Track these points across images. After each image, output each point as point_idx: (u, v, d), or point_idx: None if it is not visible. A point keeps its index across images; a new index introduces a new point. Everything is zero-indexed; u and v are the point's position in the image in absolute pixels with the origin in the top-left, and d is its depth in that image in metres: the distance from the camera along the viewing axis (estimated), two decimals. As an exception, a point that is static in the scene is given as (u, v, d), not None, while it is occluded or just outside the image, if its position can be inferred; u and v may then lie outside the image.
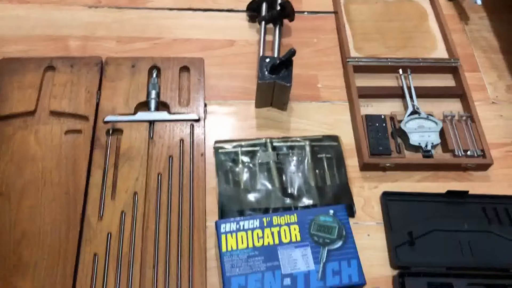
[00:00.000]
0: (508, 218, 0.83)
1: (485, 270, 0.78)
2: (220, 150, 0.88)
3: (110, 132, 0.86)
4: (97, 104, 0.89)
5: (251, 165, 0.87)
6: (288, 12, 1.02)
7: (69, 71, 0.92)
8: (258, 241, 0.73)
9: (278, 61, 0.89)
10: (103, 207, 0.78)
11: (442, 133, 0.91)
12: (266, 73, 0.89)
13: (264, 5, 1.06)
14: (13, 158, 0.82)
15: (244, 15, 1.09)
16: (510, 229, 0.82)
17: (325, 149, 0.90)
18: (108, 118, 0.87)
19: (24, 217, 0.77)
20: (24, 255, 0.73)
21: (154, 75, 0.94)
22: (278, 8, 1.03)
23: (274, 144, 0.89)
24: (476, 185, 0.89)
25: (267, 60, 0.90)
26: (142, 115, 0.88)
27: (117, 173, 0.82)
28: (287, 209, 0.81)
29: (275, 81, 0.89)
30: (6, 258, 0.73)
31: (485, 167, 0.89)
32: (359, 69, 0.99)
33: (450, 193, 0.84)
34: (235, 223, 0.75)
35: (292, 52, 0.88)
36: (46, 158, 0.82)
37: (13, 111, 0.87)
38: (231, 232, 0.74)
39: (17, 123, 0.86)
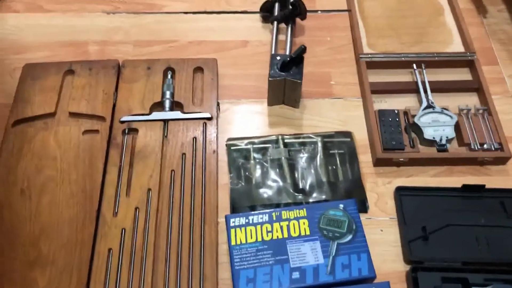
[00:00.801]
0: (527, 213, 0.81)
1: (503, 265, 0.75)
2: (232, 148, 0.89)
3: (126, 131, 0.89)
4: (114, 105, 0.92)
5: (262, 161, 0.87)
6: (299, 11, 1.03)
7: (88, 74, 0.96)
8: (267, 235, 0.74)
9: (288, 58, 0.90)
10: (118, 204, 0.80)
11: (457, 127, 0.89)
12: (277, 70, 0.89)
13: (276, 5, 1.07)
14: (34, 158, 0.85)
15: (257, 16, 1.11)
16: (529, 223, 0.80)
17: (337, 145, 0.89)
18: (124, 118, 0.90)
19: (43, 213, 0.80)
20: (43, 250, 0.76)
21: (169, 76, 0.96)
22: (290, 7, 1.03)
23: (286, 140, 0.89)
24: (494, 179, 0.86)
25: (278, 58, 0.91)
26: (156, 115, 0.90)
27: (132, 170, 0.84)
28: (298, 205, 0.81)
29: (285, 78, 0.89)
30: (26, 252, 0.76)
31: (503, 160, 0.87)
32: (372, 65, 0.99)
33: (465, 187, 0.83)
34: (244, 218, 0.75)
35: (302, 49, 0.89)
36: (64, 157, 0.85)
37: (35, 113, 0.90)
38: (240, 226, 0.75)
39: (38, 125, 0.89)
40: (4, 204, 0.81)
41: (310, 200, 0.82)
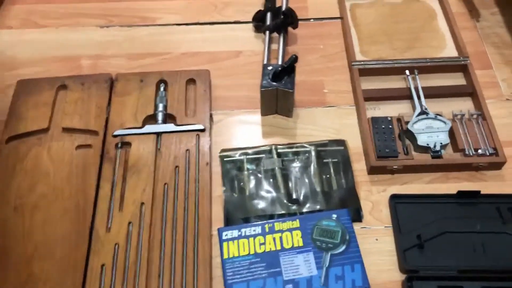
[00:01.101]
0: (524, 218, 0.80)
1: (499, 273, 0.75)
2: (225, 159, 0.89)
3: (119, 145, 0.89)
4: (107, 119, 0.92)
5: (256, 172, 0.87)
6: (291, 20, 1.02)
7: (80, 88, 0.96)
8: (260, 248, 0.73)
9: (280, 68, 0.90)
10: (111, 219, 0.80)
11: (452, 133, 0.89)
12: (269, 80, 0.89)
13: (268, 15, 1.07)
14: (27, 174, 0.85)
15: (250, 26, 1.11)
16: (526, 229, 0.79)
17: (331, 154, 0.89)
18: (116, 132, 0.90)
19: (36, 230, 0.79)
20: (36, 268, 0.76)
21: (162, 88, 0.96)
22: (282, 16, 1.03)
23: (279, 150, 0.89)
24: (489, 184, 0.86)
25: (270, 67, 0.91)
26: (149, 128, 0.90)
27: (125, 185, 0.84)
28: (292, 215, 0.81)
29: (277, 88, 0.89)
30: (19, 270, 0.76)
31: (498, 165, 0.86)
32: (365, 72, 0.99)
33: (461, 193, 0.82)
34: (237, 230, 0.75)
35: (294, 59, 0.89)
36: (57, 173, 0.85)
37: (28, 129, 0.90)
38: (233, 239, 0.74)
39: (32, 141, 0.89)
40: (-2, 221, 0.81)
41: (304, 210, 0.82)
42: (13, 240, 0.79)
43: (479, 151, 0.86)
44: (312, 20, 1.12)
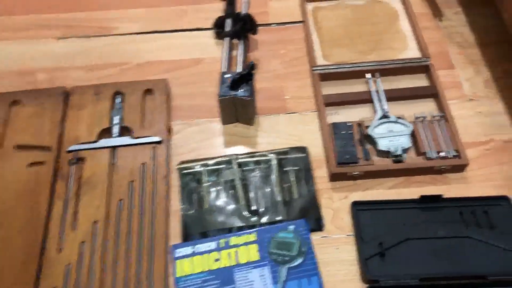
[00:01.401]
0: (487, 221, 0.79)
1: (462, 279, 0.73)
2: (184, 171, 0.86)
3: (74, 161, 0.86)
4: (61, 134, 0.89)
5: (215, 184, 0.85)
6: (250, 26, 1.00)
7: (34, 104, 0.93)
8: (214, 264, 0.71)
9: (238, 76, 0.87)
10: (63, 239, 0.77)
11: (414, 136, 0.87)
12: (227, 88, 0.87)
13: (228, 21, 1.04)
14: (-23, 195, 0.82)
15: (210, 33, 1.08)
16: (489, 232, 0.77)
17: (292, 162, 0.87)
18: (71, 148, 0.87)
19: (-16, 254, 0.76)
20: (-17, 293, 0.73)
21: (117, 100, 0.93)
22: (241, 23, 1.01)
23: (239, 160, 0.87)
24: (453, 187, 0.84)
25: (227, 75, 0.89)
26: (104, 142, 0.88)
27: (78, 202, 0.81)
28: (252, 227, 0.78)
29: (235, 96, 0.87)
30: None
31: (460, 168, 0.84)
32: (327, 77, 0.97)
33: (423, 198, 0.80)
34: (191, 247, 0.73)
35: (252, 66, 0.87)
36: (8, 192, 0.82)
37: (-21, 148, 0.87)
38: (186, 256, 0.72)
39: (-18, 160, 0.86)
40: None
41: (264, 221, 0.80)
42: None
43: (441, 153, 0.85)
44: (273, 25, 1.10)
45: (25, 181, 0.83)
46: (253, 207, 0.82)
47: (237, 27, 1.01)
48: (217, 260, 0.71)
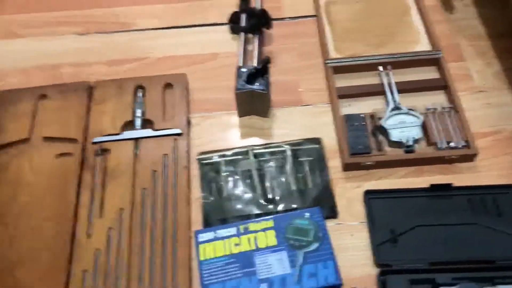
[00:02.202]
0: (495, 208, 0.82)
1: (470, 263, 0.76)
2: (203, 162, 0.90)
3: (99, 152, 0.90)
4: (86, 127, 0.93)
5: (233, 174, 0.89)
6: (264, 21, 1.04)
7: (60, 97, 0.97)
8: (235, 249, 0.75)
9: (253, 70, 0.91)
10: (91, 226, 0.82)
11: (425, 127, 0.90)
12: (243, 82, 0.91)
13: (243, 16, 1.08)
14: (10, 184, 0.87)
15: (226, 28, 1.12)
16: (497, 219, 0.80)
17: (306, 152, 0.91)
18: (96, 139, 0.91)
19: (19, 239, 0.81)
20: (21, 274, 0.78)
21: (139, 94, 0.97)
22: (256, 17, 1.04)
23: (255, 151, 0.91)
24: (463, 176, 0.87)
25: (244, 70, 0.92)
26: (127, 134, 0.92)
27: (104, 191, 0.86)
28: (268, 215, 0.82)
29: (252, 90, 0.90)
30: (5, 277, 0.78)
31: (470, 157, 0.87)
32: (339, 69, 1.00)
33: (433, 187, 0.84)
34: (212, 232, 0.77)
35: (266, 60, 0.90)
36: (39, 182, 0.87)
37: (9, 140, 0.92)
38: (209, 241, 0.76)
39: (13, 152, 0.91)
40: (-18, 232, 0.83)
41: (280, 209, 0.84)
42: (-3, 250, 0.81)
43: (451, 144, 0.88)
44: (287, 19, 1.13)
45: (54, 171, 0.88)
46: (269, 196, 0.86)
47: (252, 22, 1.04)
48: (237, 244, 0.76)
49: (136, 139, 0.91)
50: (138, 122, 0.93)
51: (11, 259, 0.79)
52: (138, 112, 0.94)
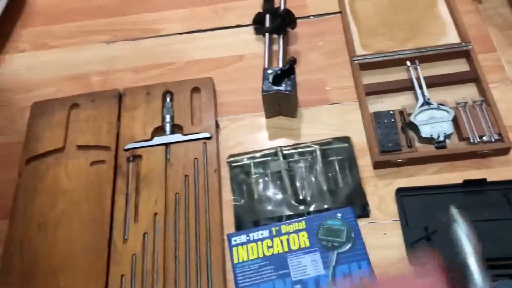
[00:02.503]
0: (532, 203, 0.80)
1: (508, 260, 0.75)
2: (233, 164, 0.91)
3: (131, 159, 0.92)
4: (118, 134, 0.96)
5: (263, 175, 0.89)
6: (289, 21, 1.04)
7: (91, 106, 1.00)
8: (268, 251, 0.76)
9: (279, 71, 0.91)
10: (127, 231, 0.84)
11: (456, 122, 0.89)
12: (270, 84, 0.91)
13: (267, 17, 1.08)
14: (48, 193, 0.90)
15: (251, 29, 1.12)
16: (535, 214, 0.79)
17: (335, 152, 0.90)
18: (127, 146, 0.94)
19: (59, 245, 0.84)
20: (62, 279, 0.81)
21: (168, 99, 0.99)
22: (280, 18, 1.04)
23: (285, 152, 0.91)
24: (497, 171, 0.85)
25: (270, 71, 0.92)
26: (158, 140, 0.94)
27: (138, 197, 0.88)
28: (300, 216, 0.83)
29: (278, 91, 0.91)
30: (47, 282, 0.81)
31: (504, 151, 0.86)
32: (366, 66, 0.99)
33: (467, 182, 0.82)
34: (245, 235, 0.78)
35: (292, 61, 0.90)
36: (75, 189, 0.90)
37: (45, 149, 0.95)
38: (242, 244, 0.77)
39: (49, 160, 0.94)
40: (24, 239, 0.86)
41: (312, 210, 0.84)
42: (39, 255, 0.84)
43: (484, 138, 0.86)
44: (311, 17, 1.13)
45: (89, 179, 0.90)
46: (301, 197, 0.86)
47: (277, 22, 1.04)
48: (270, 247, 0.76)
49: (167, 145, 0.93)
50: (167, 127, 0.95)
51: (52, 264, 0.82)
52: (167, 118, 0.96)
